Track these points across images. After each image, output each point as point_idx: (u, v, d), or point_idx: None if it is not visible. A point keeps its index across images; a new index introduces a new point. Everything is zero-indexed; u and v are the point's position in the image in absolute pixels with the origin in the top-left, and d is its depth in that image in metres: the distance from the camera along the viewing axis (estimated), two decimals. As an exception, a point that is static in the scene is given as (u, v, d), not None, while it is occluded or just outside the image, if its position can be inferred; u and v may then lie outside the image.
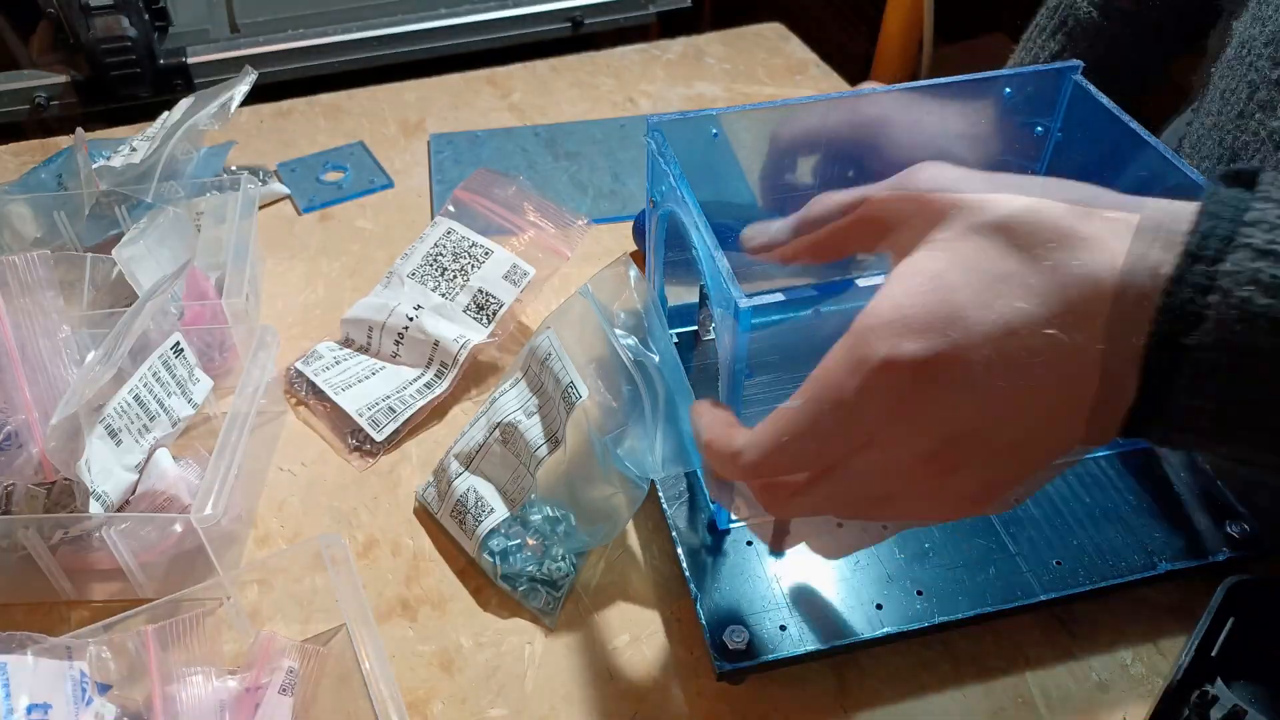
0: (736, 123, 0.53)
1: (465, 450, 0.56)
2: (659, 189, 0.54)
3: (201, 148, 0.75)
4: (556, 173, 0.85)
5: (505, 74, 0.99)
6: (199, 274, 0.64)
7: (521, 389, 0.56)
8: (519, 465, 0.54)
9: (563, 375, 0.53)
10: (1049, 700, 0.49)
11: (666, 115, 0.52)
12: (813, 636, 0.49)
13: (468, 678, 0.51)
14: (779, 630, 0.49)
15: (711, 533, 0.53)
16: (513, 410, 0.55)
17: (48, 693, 0.43)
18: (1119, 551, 0.52)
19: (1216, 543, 0.53)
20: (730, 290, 0.42)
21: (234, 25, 1.04)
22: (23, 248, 0.68)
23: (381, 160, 0.87)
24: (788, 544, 0.46)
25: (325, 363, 0.66)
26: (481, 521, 0.54)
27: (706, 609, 0.50)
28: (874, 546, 0.52)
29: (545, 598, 0.53)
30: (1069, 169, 0.60)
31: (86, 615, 0.53)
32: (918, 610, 0.50)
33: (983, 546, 0.53)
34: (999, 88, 0.56)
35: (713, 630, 0.49)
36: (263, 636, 0.49)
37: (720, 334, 0.45)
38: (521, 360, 0.57)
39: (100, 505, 0.51)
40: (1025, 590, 0.51)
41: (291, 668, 0.48)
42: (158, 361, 0.56)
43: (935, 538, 0.53)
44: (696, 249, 0.47)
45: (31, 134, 0.92)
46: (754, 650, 0.48)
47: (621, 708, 0.49)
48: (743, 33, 1.05)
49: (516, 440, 0.55)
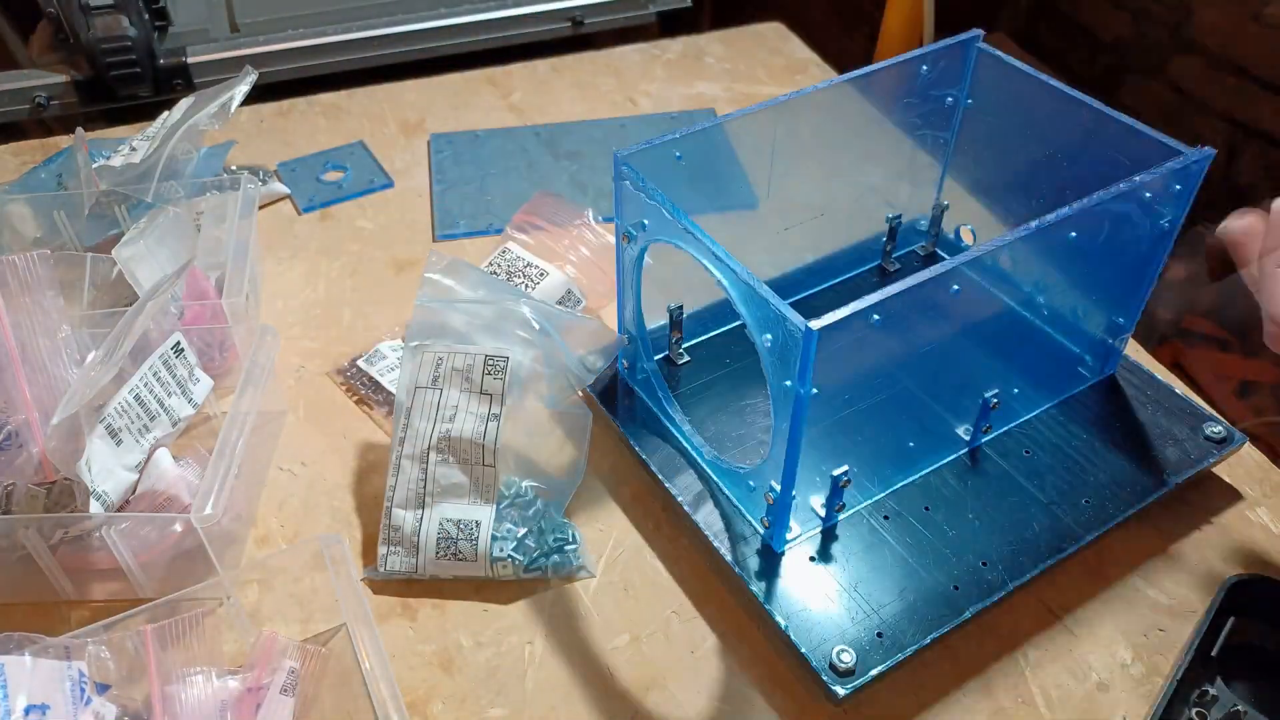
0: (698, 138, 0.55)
1: (407, 494, 0.55)
2: (635, 223, 0.54)
3: (201, 147, 0.75)
4: (557, 172, 0.85)
5: (505, 74, 0.99)
6: (199, 274, 0.64)
7: (424, 408, 0.55)
8: (473, 466, 0.55)
9: (473, 358, 0.54)
10: (1049, 700, 0.49)
11: (634, 147, 0.53)
12: (911, 634, 0.49)
13: (468, 678, 0.51)
14: (877, 638, 0.49)
15: (765, 557, 0.53)
16: (431, 429, 0.55)
17: (46, 693, 0.43)
18: (1131, 477, 0.56)
19: (1204, 447, 0.58)
20: (787, 316, 0.43)
21: (234, 25, 1.04)
22: (23, 247, 0.68)
23: (381, 160, 0.87)
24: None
25: (389, 363, 0.67)
26: (477, 539, 0.53)
27: (799, 635, 0.49)
28: (925, 531, 0.54)
29: (573, 553, 0.54)
30: (979, 134, 0.63)
31: (86, 615, 0.53)
32: (989, 581, 0.51)
33: (1018, 503, 0.55)
34: (917, 67, 0.59)
35: (814, 655, 0.48)
36: (264, 636, 0.49)
37: (771, 361, 0.46)
38: (407, 384, 0.56)
39: (100, 505, 0.51)
40: (1070, 535, 0.53)
41: (293, 668, 0.48)
42: (158, 361, 0.56)
43: (974, 507, 0.55)
44: (721, 279, 0.47)
45: (31, 134, 0.92)
46: (863, 664, 0.48)
47: (621, 708, 0.49)
48: (743, 32, 1.05)
49: (457, 446, 0.54)
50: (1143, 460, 0.57)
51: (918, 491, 0.56)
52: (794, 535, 0.54)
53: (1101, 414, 0.60)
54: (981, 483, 0.56)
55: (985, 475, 0.57)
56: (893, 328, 0.46)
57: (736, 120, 0.56)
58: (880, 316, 0.44)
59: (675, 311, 0.61)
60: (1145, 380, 0.62)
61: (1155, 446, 0.58)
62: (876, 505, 0.55)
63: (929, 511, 0.55)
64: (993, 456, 0.58)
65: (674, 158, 0.54)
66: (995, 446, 0.58)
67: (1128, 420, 0.60)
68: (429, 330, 0.56)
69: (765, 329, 0.45)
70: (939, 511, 0.55)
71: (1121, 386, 0.62)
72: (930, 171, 0.66)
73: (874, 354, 0.50)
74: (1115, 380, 0.62)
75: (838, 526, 0.54)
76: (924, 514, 0.54)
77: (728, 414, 0.60)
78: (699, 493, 0.56)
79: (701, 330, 0.65)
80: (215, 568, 0.53)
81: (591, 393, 0.62)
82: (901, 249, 0.71)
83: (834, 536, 0.54)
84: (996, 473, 0.57)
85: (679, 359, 0.64)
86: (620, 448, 0.61)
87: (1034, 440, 0.58)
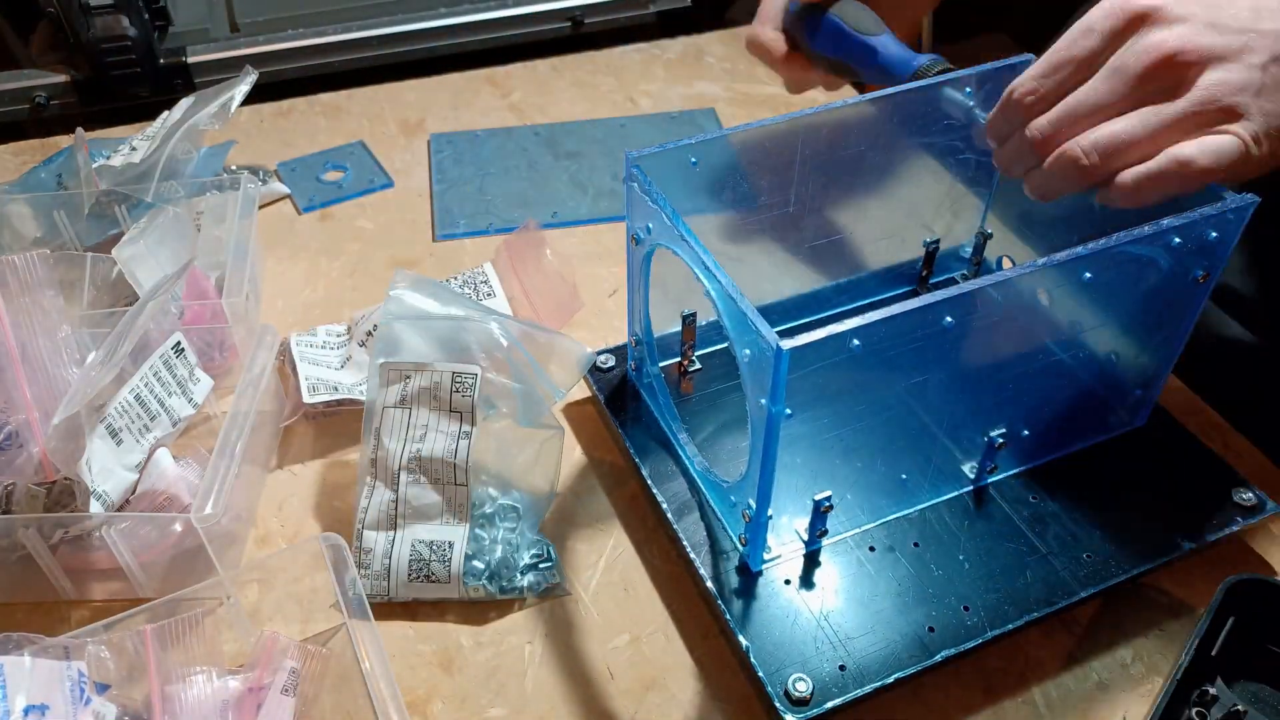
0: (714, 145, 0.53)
1: (379, 516, 0.54)
2: (643, 226, 0.53)
3: (201, 147, 0.75)
4: (556, 172, 0.85)
5: (505, 73, 0.99)
6: (199, 273, 0.64)
7: (393, 428, 0.55)
8: (444, 485, 0.54)
9: (441, 375, 0.54)
10: (1049, 700, 0.49)
11: (645, 150, 0.52)
12: (874, 671, 0.47)
13: (468, 677, 0.51)
14: (839, 670, 0.47)
15: (742, 575, 0.52)
16: (401, 449, 0.54)
17: (45, 693, 0.43)
18: (1141, 536, 0.53)
19: (1229, 513, 0.54)
20: (761, 331, 0.42)
21: (234, 25, 1.04)
22: (23, 247, 0.68)
23: (381, 160, 0.87)
24: None
25: (316, 341, 0.66)
26: (450, 561, 0.53)
27: (759, 658, 0.48)
28: (910, 567, 0.52)
29: (548, 572, 0.54)
30: None
31: (86, 615, 0.53)
32: (969, 627, 0.49)
33: (1014, 550, 0.53)
34: (962, 88, 0.57)
35: (771, 681, 0.47)
36: (265, 636, 0.49)
37: (748, 376, 0.45)
38: (376, 407, 0.55)
39: (100, 505, 0.51)
40: (1064, 589, 0.51)
41: (293, 668, 0.48)
42: (158, 361, 0.56)
43: (967, 549, 0.53)
44: (709, 289, 0.46)
45: (31, 134, 0.92)
46: (819, 695, 0.46)
47: (621, 707, 0.49)
48: (742, 33, 1.05)
49: (428, 466, 0.54)
50: (1157, 520, 0.54)
51: (911, 526, 0.54)
52: (773, 556, 0.52)
53: (1122, 466, 0.57)
54: (979, 524, 0.54)
55: (985, 517, 0.54)
56: (878, 356, 0.44)
57: (757, 129, 0.55)
58: (860, 342, 0.43)
59: (688, 318, 0.60)
60: (1176, 436, 0.58)
61: (1174, 507, 0.54)
62: (864, 535, 0.54)
63: (918, 548, 0.53)
64: (996, 499, 0.55)
65: (689, 162, 0.53)
66: (1001, 489, 0.56)
67: (1149, 476, 0.56)
68: (394, 348, 0.55)
69: (743, 343, 0.44)
70: (929, 549, 0.53)
71: (1150, 440, 0.58)
72: (973, 198, 0.65)
73: (859, 380, 0.47)
74: (1144, 433, 0.59)
75: (821, 552, 0.53)
76: (912, 550, 0.53)
77: (728, 427, 0.59)
78: (685, 502, 0.55)
79: (718, 339, 0.64)
80: (215, 568, 0.53)
81: (599, 394, 0.62)
82: (940, 275, 0.68)
83: (816, 562, 0.52)
84: (998, 515, 0.55)
85: (690, 366, 0.63)
86: (623, 449, 0.61)
87: (1044, 486, 0.56)
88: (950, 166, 0.62)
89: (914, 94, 0.56)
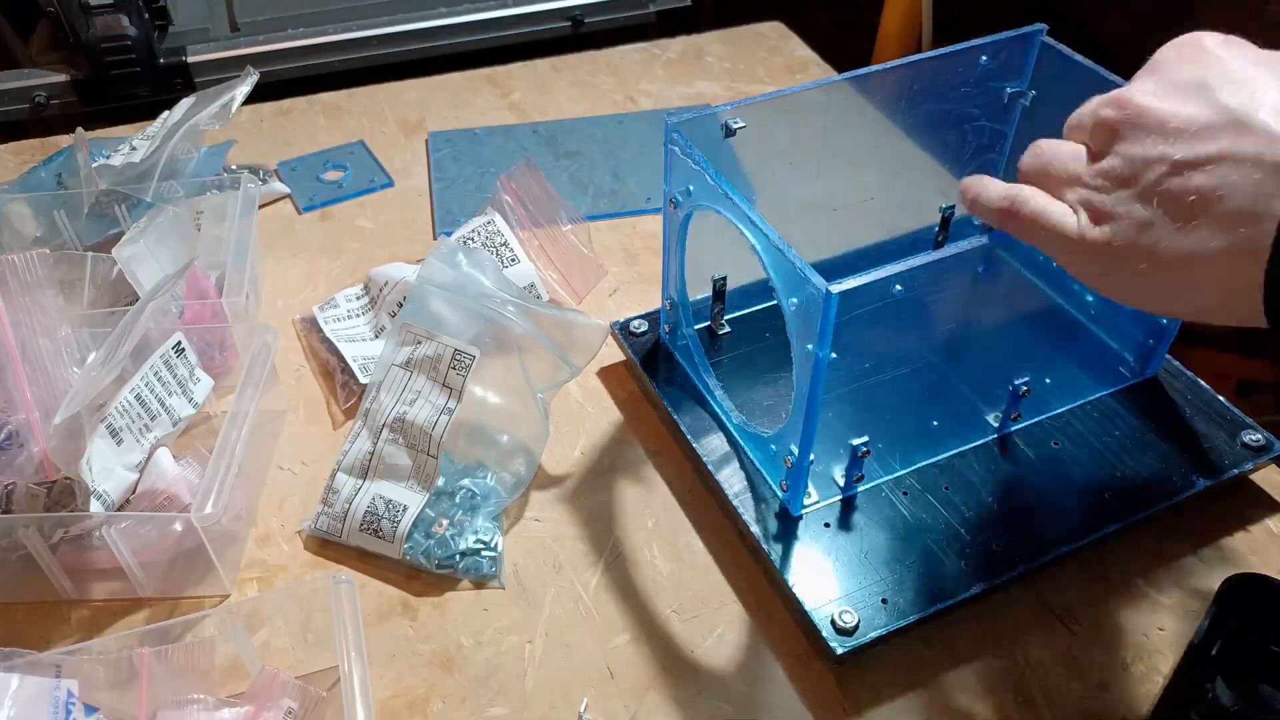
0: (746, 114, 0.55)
1: (355, 462, 0.57)
2: (682, 189, 0.55)
3: (201, 147, 0.75)
4: (556, 171, 0.85)
5: (505, 73, 0.99)
6: (199, 273, 0.64)
7: (392, 386, 0.57)
8: (418, 453, 0.56)
9: (444, 348, 0.56)
10: (1049, 700, 0.49)
11: (684, 114, 0.54)
12: (914, 605, 0.50)
13: (468, 677, 0.51)
14: (881, 604, 0.50)
15: (782, 520, 0.55)
16: (392, 407, 0.57)
17: (28, 714, 0.42)
18: (1159, 476, 0.56)
19: (1240, 453, 0.57)
20: (810, 279, 0.45)
21: (234, 24, 1.04)
22: (23, 247, 0.68)
23: (381, 159, 0.87)
24: None
25: (340, 312, 0.68)
26: (399, 523, 0.54)
27: (805, 593, 0.51)
28: (942, 509, 0.55)
29: (488, 560, 0.55)
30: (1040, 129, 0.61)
31: (86, 615, 0.53)
32: (999, 562, 0.52)
33: (1038, 492, 0.56)
34: (976, 57, 0.59)
35: (817, 613, 0.50)
36: (265, 673, 0.48)
37: (796, 324, 0.47)
38: (385, 362, 0.58)
39: (101, 504, 0.51)
40: (1088, 526, 0.54)
41: (291, 708, 0.47)
42: (159, 361, 0.56)
43: (995, 491, 0.56)
44: (755, 243, 0.49)
45: (31, 133, 0.92)
46: (864, 626, 0.49)
47: (622, 707, 0.49)
48: (742, 32, 1.05)
49: (409, 430, 0.56)
50: (1173, 460, 0.57)
51: (940, 472, 0.57)
52: (812, 501, 0.55)
53: (1138, 413, 0.60)
54: (1005, 470, 0.57)
55: (1011, 463, 0.58)
56: (917, 301, 0.47)
57: (789, 96, 0.57)
58: (902, 287, 0.45)
59: (719, 282, 0.63)
60: (1187, 385, 0.62)
61: (1188, 449, 0.58)
62: (897, 481, 0.56)
63: (949, 491, 0.56)
64: (1020, 445, 0.58)
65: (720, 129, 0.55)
66: (1025, 435, 0.59)
67: (1163, 421, 0.59)
68: (421, 311, 0.57)
69: (791, 292, 0.47)
70: (958, 493, 0.56)
71: (1163, 388, 0.61)
72: (987, 166, 0.66)
73: (898, 326, 0.51)
74: (1157, 382, 0.62)
75: (857, 497, 0.56)
76: (944, 494, 0.56)
77: (760, 384, 0.62)
78: (724, 454, 0.58)
79: (745, 304, 0.67)
80: (215, 567, 0.53)
81: (634, 357, 0.64)
82: (954, 240, 0.70)
83: (852, 506, 0.55)
84: (1023, 460, 0.58)
85: (720, 329, 0.65)
86: (657, 414, 0.63)
87: (1065, 433, 0.59)
88: (967, 133, 0.64)
89: (931, 62, 0.58)
